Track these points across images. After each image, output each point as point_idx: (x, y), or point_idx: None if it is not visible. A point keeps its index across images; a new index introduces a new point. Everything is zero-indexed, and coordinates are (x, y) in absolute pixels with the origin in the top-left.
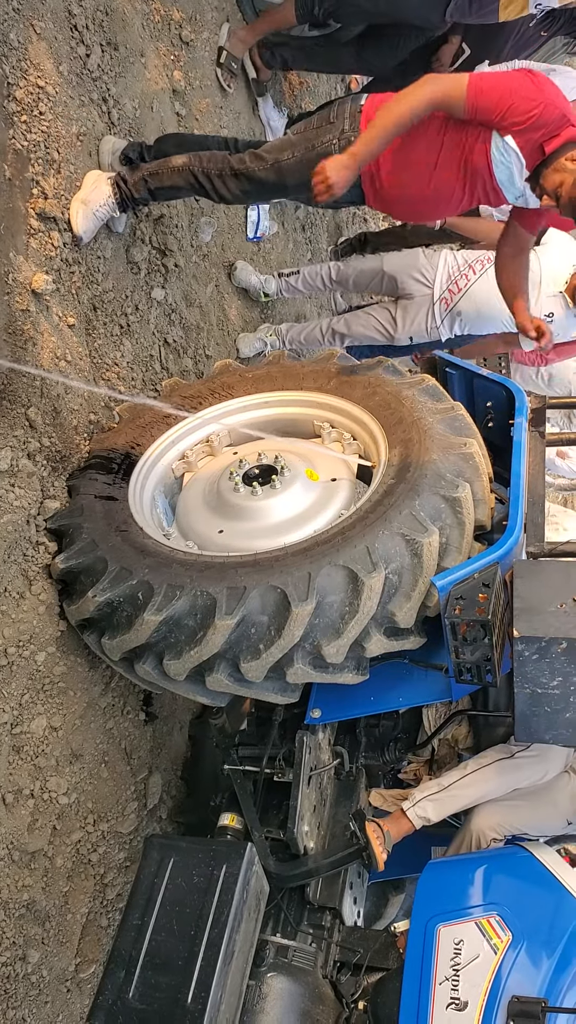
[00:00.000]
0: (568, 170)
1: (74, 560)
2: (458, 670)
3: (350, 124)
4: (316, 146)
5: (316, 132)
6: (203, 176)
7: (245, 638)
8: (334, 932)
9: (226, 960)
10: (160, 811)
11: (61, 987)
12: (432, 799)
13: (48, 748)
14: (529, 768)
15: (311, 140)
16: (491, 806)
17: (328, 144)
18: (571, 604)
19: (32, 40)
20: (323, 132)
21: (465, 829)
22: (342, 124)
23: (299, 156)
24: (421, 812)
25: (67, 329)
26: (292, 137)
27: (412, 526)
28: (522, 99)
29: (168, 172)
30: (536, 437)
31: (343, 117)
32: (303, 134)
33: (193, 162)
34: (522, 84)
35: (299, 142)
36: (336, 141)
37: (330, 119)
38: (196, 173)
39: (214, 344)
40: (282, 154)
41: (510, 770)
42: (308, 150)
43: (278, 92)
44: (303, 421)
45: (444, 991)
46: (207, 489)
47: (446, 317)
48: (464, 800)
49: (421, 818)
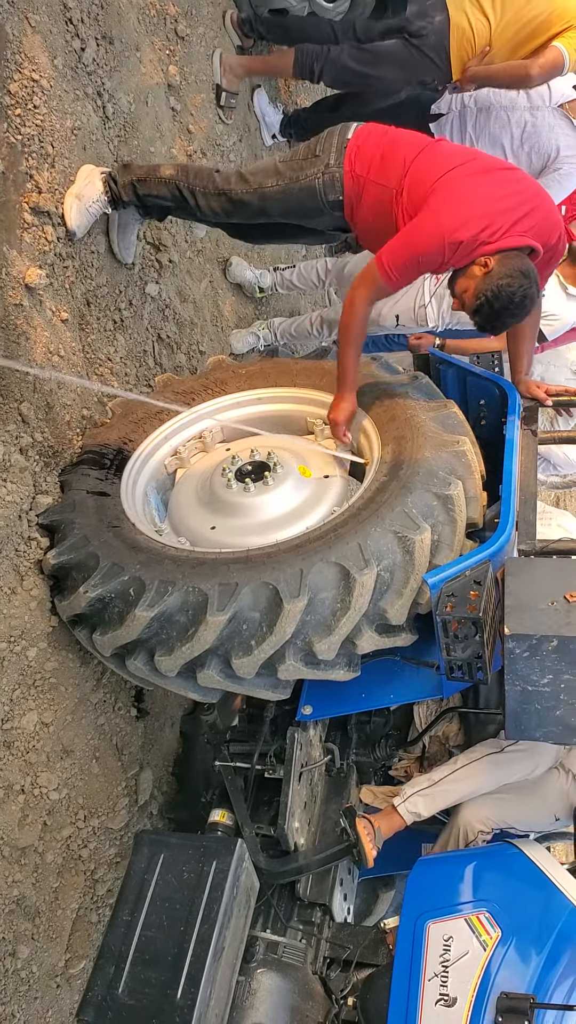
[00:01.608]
0: (473, 276)
1: (66, 556)
2: (449, 667)
3: (335, 159)
4: (300, 179)
5: (301, 164)
6: (187, 191)
7: (237, 634)
8: (324, 928)
9: (216, 956)
10: (151, 807)
11: (51, 983)
12: (423, 794)
13: (39, 744)
14: (519, 763)
15: (296, 172)
16: (479, 799)
17: (311, 178)
18: (562, 602)
19: (27, 33)
20: (308, 165)
21: (453, 822)
22: (327, 158)
23: (282, 186)
24: (412, 808)
25: (60, 324)
26: (278, 164)
27: (404, 523)
28: (429, 255)
29: (155, 181)
30: (528, 435)
31: (329, 151)
32: (289, 163)
33: (180, 175)
34: (428, 239)
35: (284, 171)
36: (320, 176)
37: (316, 152)
38: (181, 187)
39: (208, 340)
40: (267, 180)
41: (500, 765)
42: (292, 181)
43: (273, 88)
44: (296, 417)
45: (433, 987)
46: (200, 485)
47: (434, 294)
48: (455, 795)
49: (412, 814)
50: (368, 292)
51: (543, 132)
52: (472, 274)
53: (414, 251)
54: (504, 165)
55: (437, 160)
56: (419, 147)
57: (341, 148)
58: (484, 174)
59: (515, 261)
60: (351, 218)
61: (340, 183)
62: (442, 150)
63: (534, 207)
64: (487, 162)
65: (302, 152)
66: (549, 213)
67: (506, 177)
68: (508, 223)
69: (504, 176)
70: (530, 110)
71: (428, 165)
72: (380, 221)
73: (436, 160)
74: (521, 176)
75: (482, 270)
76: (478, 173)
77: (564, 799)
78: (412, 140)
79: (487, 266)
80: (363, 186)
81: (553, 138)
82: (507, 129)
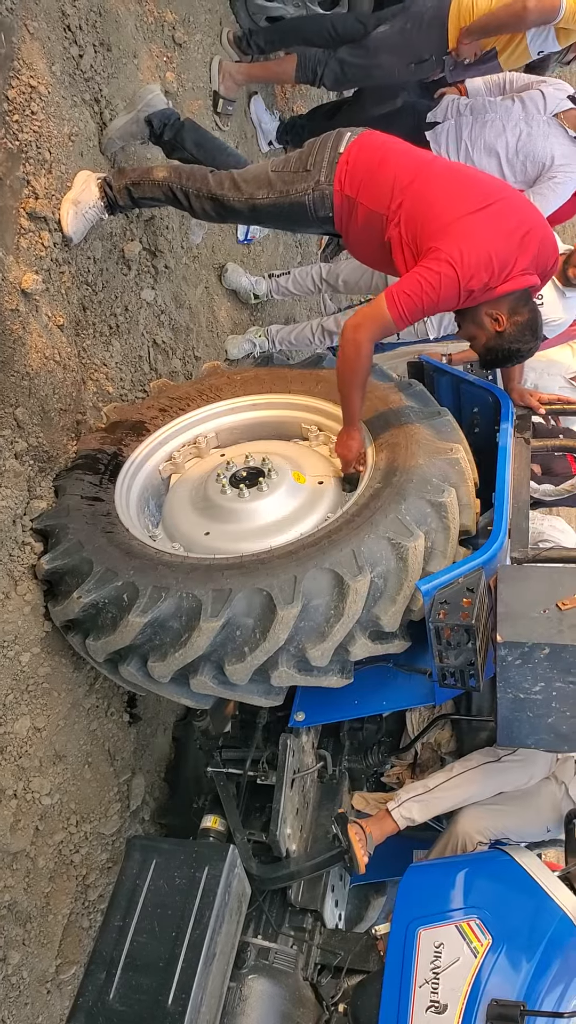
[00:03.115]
0: (483, 328)
1: (60, 561)
2: (442, 674)
3: (325, 176)
4: (290, 193)
5: (292, 178)
6: (181, 193)
7: (230, 640)
8: (315, 934)
9: (207, 962)
10: (143, 813)
11: (41, 988)
12: (417, 800)
13: (32, 749)
14: (515, 772)
15: (287, 185)
16: (477, 809)
17: (301, 194)
18: (554, 610)
19: (25, 40)
20: (299, 180)
21: (450, 831)
22: (318, 175)
23: (273, 199)
24: (406, 813)
25: (56, 329)
26: (271, 174)
27: (398, 530)
28: (446, 303)
29: (149, 184)
30: (521, 443)
31: (320, 166)
32: (281, 174)
33: (173, 178)
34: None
35: (276, 183)
36: (310, 192)
37: (307, 166)
38: (175, 189)
39: (203, 346)
40: (258, 191)
41: (496, 773)
42: (282, 195)
43: (270, 95)
44: (291, 424)
45: (424, 994)
46: (194, 491)
47: None
48: (449, 802)
49: (406, 819)
50: (374, 331)
51: (538, 141)
52: (482, 325)
53: (433, 299)
54: (501, 193)
55: (438, 195)
56: (412, 173)
57: (332, 164)
58: (490, 213)
59: (523, 316)
60: (342, 231)
61: (330, 201)
62: (438, 180)
63: (535, 238)
64: (486, 192)
65: (294, 163)
66: (546, 239)
67: (507, 209)
68: (512, 263)
69: (505, 209)
70: (525, 119)
71: (431, 199)
72: (371, 241)
73: (437, 195)
74: (519, 204)
75: (494, 326)
76: (484, 213)
77: (556, 810)
78: (405, 162)
79: (499, 323)
80: (353, 207)
81: (548, 146)
82: (502, 138)
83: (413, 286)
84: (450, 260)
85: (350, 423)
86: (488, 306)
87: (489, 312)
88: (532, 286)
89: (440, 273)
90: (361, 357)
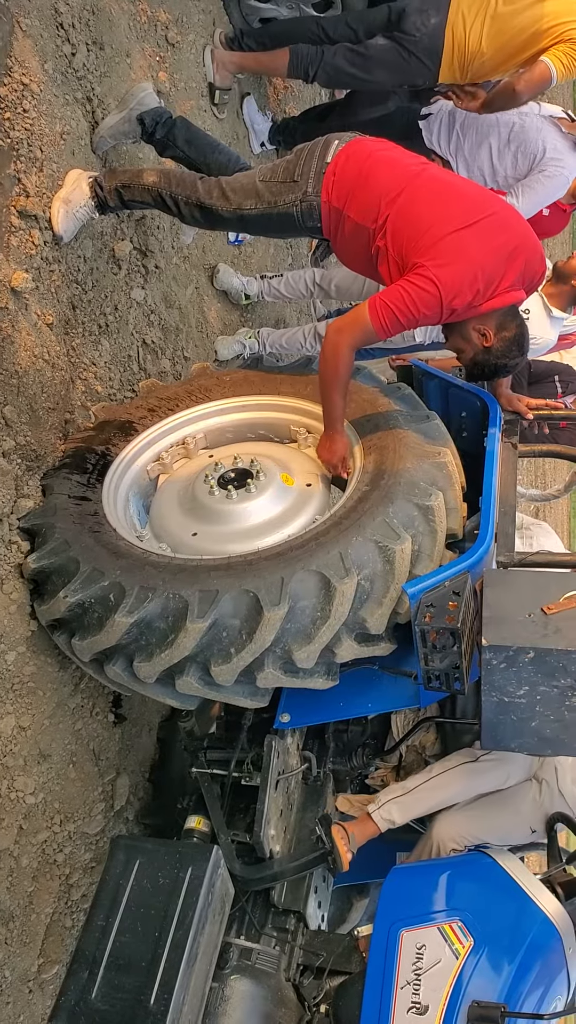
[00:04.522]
0: (470, 342)
1: (46, 560)
2: (427, 677)
3: (313, 187)
4: (278, 204)
5: (280, 188)
6: (170, 199)
7: (216, 642)
8: (298, 935)
9: (190, 962)
10: (127, 813)
11: (23, 988)
12: (397, 802)
13: (16, 748)
14: (492, 772)
15: (274, 196)
16: (453, 815)
17: (289, 206)
18: (539, 614)
19: (17, 37)
20: (287, 191)
21: (426, 838)
22: (305, 185)
23: (261, 210)
24: (386, 815)
25: (46, 328)
26: (259, 183)
27: (385, 533)
28: (427, 317)
29: (139, 188)
30: (509, 448)
31: (307, 177)
32: (268, 184)
33: (162, 183)
34: (428, 304)
35: (264, 193)
36: (298, 203)
37: (295, 176)
38: (164, 195)
39: (193, 346)
40: (246, 201)
41: (474, 774)
42: (270, 206)
43: (262, 96)
44: (280, 425)
45: (405, 995)
46: (182, 492)
47: None
48: (429, 803)
49: (386, 820)
50: (356, 337)
51: (530, 132)
52: (470, 339)
53: (414, 315)
54: (489, 208)
55: (425, 211)
56: (400, 186)
57: (319, 174)
58: (477, 230)
59: (510, 331)
60: (331, 239)
61: (318, 212)
62: (426, 194)
63: (522, 253)
64: (474, 207)
65: (281, 173)
66: (534, 252)
67: (494, 225)
68: (499, 280)
69: (492, 225)
70: (519, 113)
71: (417, 214)
72: (358, 251)
73: (424, 210)
74: (507, 219)
75: (481, 341)
76: (471, 230)
77: (539, 810)
78: (392, 174)
79: (487, 339)
80: (340, 218)
81: (540, 138)
82: (495, 128)
83: (395, 299)
84: (434, 279)
85: (331, 426)
86: (476, 321)
87: (476, 327)
88: (518, 301)
89: (423, 289)
90: (341, 361)
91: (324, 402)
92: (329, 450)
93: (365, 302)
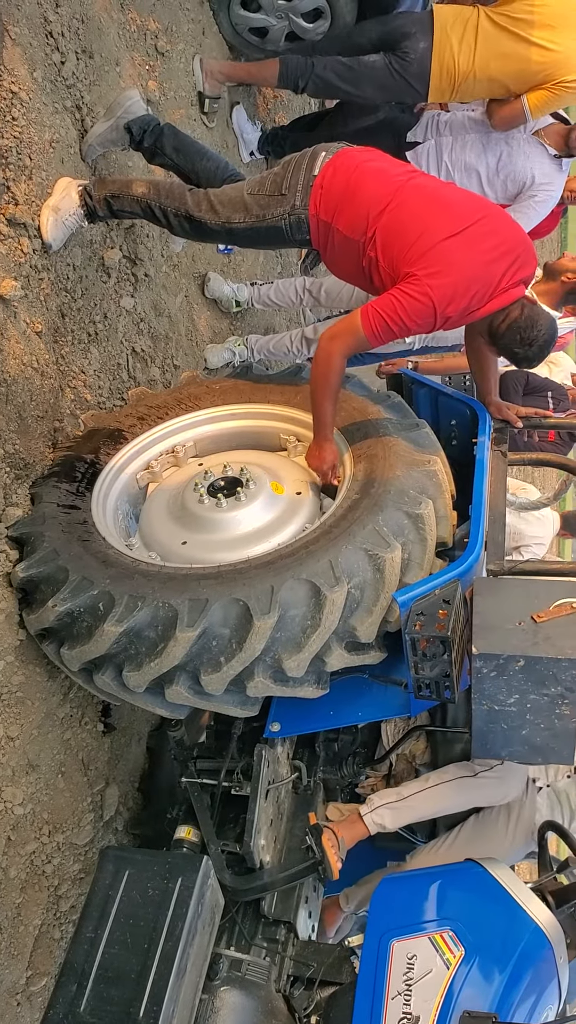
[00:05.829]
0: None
1: (35, 569)
2: (417, 686)
3: (301, 200)
4: (266, 217)
5: (268, 201)
6: (159, 210)
7: (206, 650)
8: (288, 946)
9: (179, 974)
10: (116, 823)
11: (11, 1000)
12: (390, 807)
13: (4, 758)
14: (490, 789)
15: (263, 210)
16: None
17: (277, 219)
18: (529, 622)
19: (7, 46)
20: (275, 204)
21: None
22: (293, 199)
23: (249, 223)
24: (378, 819)
25: (34, 336)
26: (246, 197)
27: (375, 541)
28: (420, 326)
29: (128, 199)
30: (498, 456)
31: (295, 190)
32: (256, 197)
33: (151, 195)
34: (420, 313)
35: (252, 207)
36: (286, 217)
37: (282, 189)
38: (153, 206)
39: (182, 354)
40: (234, 215)
41: (470, 789)
42: (258, 220)
43: (252, 105)
44: (269, 434)
45: (396, 1006)
46: (171, 500)
47: None
48: (421, 812)
49: (377, 824)
50: (348, 345)
51: (518, 160)
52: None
53: (406, 324)
54: (479, 212)
55: (414, 221)
56: (388, 197)
57: (307, 187)
58: (468, 237)
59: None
60: (320, 250)
61: (306, 225)
62: (414, 204)
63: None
64: (464, 213)
65: (269, 185)
66: (525, 253)
67: (484, 230)
68: (495, 283)
69: (482, 230)
70: (505, 139)
71: (407, 225)
72: (348, 263)
73: (413, 220)
74: (498, 221)
75: None
76: (461, 237)
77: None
78: (380, 185)
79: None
80: (329, 231)
81: (528, 166)
82: (483, 158)
83: (388, 308)
84: (427, 289)
85: (321, 434)
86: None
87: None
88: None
89: (415, 299)
90: (333, 368)
91: (315, 409)
92: (319, 458)
93: (357, 310)
